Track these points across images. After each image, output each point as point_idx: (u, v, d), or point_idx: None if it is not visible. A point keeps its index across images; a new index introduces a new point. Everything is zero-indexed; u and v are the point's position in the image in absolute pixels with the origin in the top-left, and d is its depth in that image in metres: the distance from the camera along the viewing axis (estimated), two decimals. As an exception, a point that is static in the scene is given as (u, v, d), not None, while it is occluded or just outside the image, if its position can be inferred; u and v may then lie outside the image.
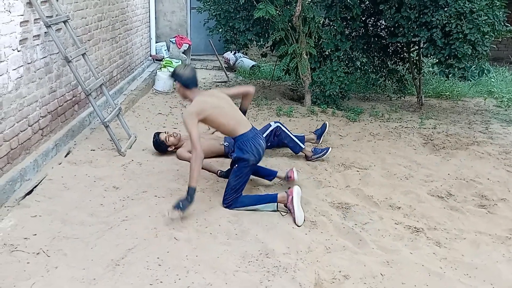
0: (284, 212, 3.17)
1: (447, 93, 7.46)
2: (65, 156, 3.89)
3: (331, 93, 5.97)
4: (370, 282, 2.54)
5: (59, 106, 4.10)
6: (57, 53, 3.91)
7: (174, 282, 2.43)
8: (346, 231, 3.06)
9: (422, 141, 5.11)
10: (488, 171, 4.30)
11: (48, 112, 3.86)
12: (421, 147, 4.92)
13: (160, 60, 7.84)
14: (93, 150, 4.10)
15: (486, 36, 5.32)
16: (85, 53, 4.22)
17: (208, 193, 3.51)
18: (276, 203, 3.18)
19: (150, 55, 8.11)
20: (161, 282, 2.43)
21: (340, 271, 2.61)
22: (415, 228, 3.16)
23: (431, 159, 4.58)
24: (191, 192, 2.95)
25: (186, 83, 3.21)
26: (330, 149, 4.23)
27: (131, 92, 6.25)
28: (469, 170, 4.30)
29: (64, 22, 3.93)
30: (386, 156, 4.58)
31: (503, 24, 5.46)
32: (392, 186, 3.87)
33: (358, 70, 6.69)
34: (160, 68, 7.44)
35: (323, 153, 4.19)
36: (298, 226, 3.05)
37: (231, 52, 8.04)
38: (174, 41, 8.33)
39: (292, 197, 3.13)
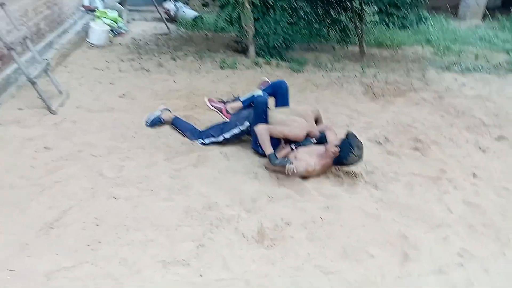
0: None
1: (387, 42, 7.59)
2: (-11, 117, 3.59)
3: (275, 44, 5.86)
4: (310, 227, 2.60)
5: (-22, 62, 3.71)
6: (-32, 1, 3.48)
7: (113, 241, 2.36)
8: (290, 180, 3.09)
9: (363, 89, 5.20)
10: (423, 117, 4.47)
11: (-36, 69, 3.49)
12: (362, 95, 5.00)
13: (94, 11, 7.28)
14: (21, 109, 3.80)
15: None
16: (3, 3, 3.80)
17: (150, 149, 3.39)
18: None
19: (83, 5, 7.51)
20: (99, 242, 2.35)
21: (282, 219, 2.65)
22: (354, 173, 3.25)
23: (371, 107, 4.68)
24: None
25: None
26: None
27: (63, 46, 5.79)
28: (406, 116, 4.45)
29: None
30: (329, 106, 4.63)
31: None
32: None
33: (302, 20, 6.59)
34: (94, 19, 6.94)
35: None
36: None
37: (172, 1, 7.60)
38: (108, -10, 7.74)
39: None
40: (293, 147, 3.22)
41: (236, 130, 3.44)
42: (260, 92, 3.35)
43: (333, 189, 3.04)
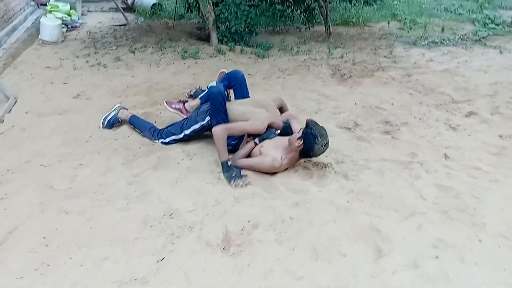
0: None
1: (353, 20, 7.44)
2: None
3: (237, 29, 5.62)
4: (279, 228, 2.45)
5: None
6: None
7: (64, 263, 2.15)
8: (255, 176, 2.92)
9: (331, 72, 5.04)
10: (392, 96, 4.36)
11: None
12: (329, 78, 4.85)
13: (45, 5, 6.85)
14: (-38, 119, 3.49)
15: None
16: None
17: (106, 153, 3.15)
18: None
19: (33, 0, 7.06)
20: (48, 265, 2.14)
21: (249, 221, 2.48)
22: (323, 164, 3.10)
23: (339, 90, 4.54)
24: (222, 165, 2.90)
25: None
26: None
27: (11, 45, 5.41)
28: (374, 97, 4.33)
29: None
30: (295, 91, 4.46)
31: None
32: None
33: (264, 2, 6.35)
34: (45, 14, 6.53)
35: None
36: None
37: (127, -10, 7.21)
38: (58, -19, 7.29)
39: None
40: (257, 141, 3.04)
41: (197, 126, 3.24)
42: (213, 83, 3.14)
43: (302, 183, 2.89)
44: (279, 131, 3.11)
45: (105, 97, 4.14)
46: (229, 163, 2.85)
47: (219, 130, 2.90)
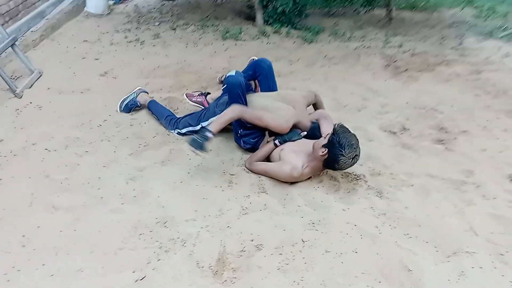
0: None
1: (421, 4, 6.63)
2: None
3: (284, 10, 5.12)
4: (286, 252, 2.05)
5: None
6: None
7: (36, 270, 1.90)
8: (271, 184, 2.53)
9: (384, 63, 4.44)
10: (453, 97, 3.72)
11: None
12: (381, 70, 4.26)
13: (95, -24, 6.71)
14: (-17, 92, 3.38)
15: None
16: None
17: (116, 141, 2.89)
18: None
19: (84, -29, 6.96)
20: (18, 270, 1.90)
21: (252, 240, 2.10)
22: (354, 175, 2.63)
23: (390, 85, 3.96)
24: (202, 131, 2.43)
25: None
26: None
27: (54, 16, 5.31)
28: (431, 96, 3.72)
29: None
30: (339, 84, 3.94)
31: None
32: (339, 120, 3.26)
33: (319, -20, 5.77)
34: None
35: None
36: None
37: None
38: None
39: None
40: (277, 142, 2.62)
41: (214, 119, 2.87)
42: (232, 72, 2.74)
43: (325, 197, 2.45)
44: (305, 132, 2.67)
45: (132, 76, 3.89)
46: (209, 135, 2.42)
47: (235, 108, 2.51)
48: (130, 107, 3.26)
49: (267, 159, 2.66)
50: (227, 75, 2.72)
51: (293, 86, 3.80)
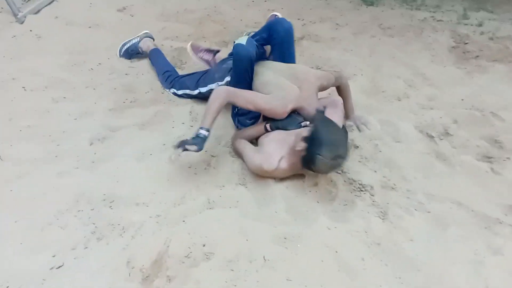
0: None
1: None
2: None
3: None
4: (239, 270, 1.70)
5: None
6: None
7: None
8: (256, 176, 2.15)
9: (451, 43, 3.72)
10: (524, 102, 3.01)
11: None
12: (444, 52, 3.57)
13: None
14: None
15: None
16: None
17: (102, 90, 2.60)
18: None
19: None
20: None
21: (204, 245, 1.77)
22: (360, 184, 2.16)
23: (449, 73, 3.30)
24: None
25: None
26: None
27: None
28: (495, 96, 3.04)
29: None
30: (385, 62, 3.35)
31: None
32: (368, 109, 2.77)
33: None
34: None
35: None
36: None
37: None
38: None
39: None
40: (268, 127, 2.20)
41: (213, 86, 2.49)
42: (242, 39, 2.28)
43: (314, 205, 2.03)
44: (307, 122, 2.21)
45: (151, 17, 3.54)
46: (203, 131, 2.01)
47: (219, 93, 2.10)
48: (131, 53, 2.95)
49: (255, 142, 2.26)
50: (236, 42, 2.28)
51: (328, 56, 3.27)
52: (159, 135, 2.33)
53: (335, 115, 2.17)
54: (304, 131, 1.97)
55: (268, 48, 2.56)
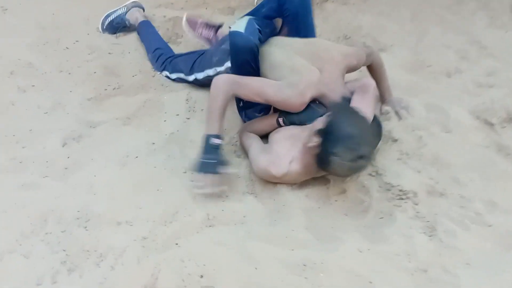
0: None
1: None
2: None
3: None
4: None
5: None
6: None
7: None
8: (262, 184, 1.97)
9: (515, 1, 3.40)
10: None
11: None
12: (506, 13, 3.26)
13: None
14: None
15: None
16: None
17: (79, 74, 2.44)
18: None
19: None
20: None
21: (202, 276, 1.62)
22: (400, 190, 1.96)
23: (512, 40, 3.02)
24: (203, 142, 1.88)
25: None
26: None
27: None
28: None
29: None
30: (431, 27, 3.10)
31: None
32: (410, 90, 2.54)
33: None
34: None
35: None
36: None
37: None
38: None
39: None
40: (281, 121, 2.00)
41: (211, 72, 2.30)
42: (240, 24, 2.05)
43: (342, 220, 1.87)
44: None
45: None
46: (214, 140, 1.85)
47: (221, 81, 1.91)
48: (116, 26, 2.77)
49: (266, 137, 2.08)
50: (232, 28, 2.06)
51: (358, 23, 3.02)
52: (147, 131, 2.17)
53: (363, 102, 1.95)
54: (318, 123, 1.77)
55: (279, 21, 2.34)
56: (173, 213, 1.82)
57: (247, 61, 1.99)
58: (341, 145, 1.68)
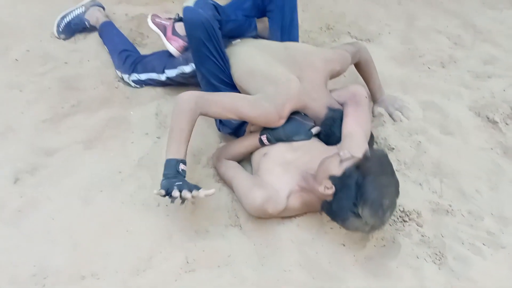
0: None
1: None
2: None
3: None
4: None
5: None
6: None
7: None
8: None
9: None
10: None
11: None
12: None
13: None
14: None
15: None
16: None
17: (31, 91, 2.14)
18: None
19: None
20: None
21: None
22: (402, 212, 1.74)
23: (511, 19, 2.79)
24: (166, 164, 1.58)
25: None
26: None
27: None
28: None
29: None
30: (420, 10, 2.86)
31: None
32: (403, 85, 2.31)
33: None
34: None
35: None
36: None
37: None
38: None
39: None
40: (264, 139, 1.75)
41: (187, 69, 2.04)
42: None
43: (339, 251, 1.65)
44: (317, 128, 1.76)
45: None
46: (181, 166, 1.58)
47: (186, 98, 1.64)
48: (74, 28, 2.46)
49: (248, 159, 1.82)
50: (184, 4, 1.79)
51: (341, 10, 2.75)
52: (112, 157, 1.90)
53: (359, 117, 1.71)
54: (334, 163, 1.51)
55: (264, 22, 2.07)
56: (147, 259, 1.57)
57: (200, 41, 1.74)
58: (368, 208, 1.43)
